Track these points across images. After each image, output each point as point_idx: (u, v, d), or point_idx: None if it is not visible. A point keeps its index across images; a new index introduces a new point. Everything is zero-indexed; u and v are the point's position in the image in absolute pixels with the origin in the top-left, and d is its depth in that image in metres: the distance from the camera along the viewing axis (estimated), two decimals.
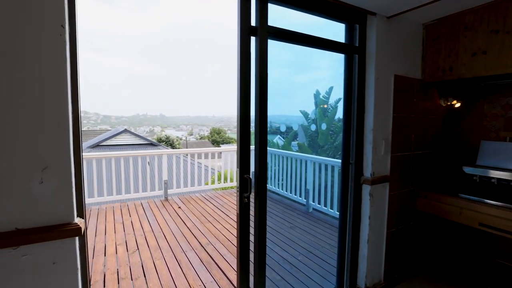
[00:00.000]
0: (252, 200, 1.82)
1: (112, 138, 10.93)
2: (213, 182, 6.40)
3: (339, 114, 8.42)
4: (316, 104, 9.14)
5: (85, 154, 4.84)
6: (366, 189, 2.35)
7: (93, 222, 4.21)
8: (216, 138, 45.85)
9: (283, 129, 10.56)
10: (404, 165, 2.53)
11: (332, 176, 4.70)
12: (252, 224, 1.85)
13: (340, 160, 2.46)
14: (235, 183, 6.19)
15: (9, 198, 1.09)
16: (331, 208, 4.64)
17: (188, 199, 5.43)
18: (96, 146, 10.54)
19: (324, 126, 8.01)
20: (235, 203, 5.20)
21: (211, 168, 7.49)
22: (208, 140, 43.52)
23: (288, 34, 1.89)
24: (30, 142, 1.11)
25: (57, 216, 1.18)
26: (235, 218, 4.47)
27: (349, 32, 2.30)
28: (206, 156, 6.15)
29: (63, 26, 1.13)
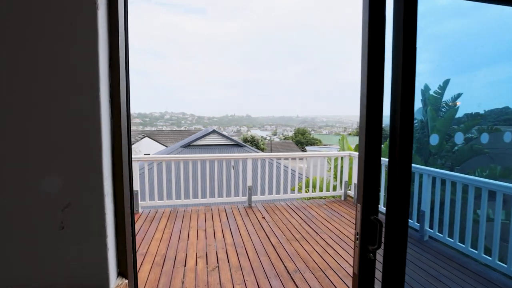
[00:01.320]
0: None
1: (202, 139, 11.53)
2: (300, 189, 5.80)
3: (461, 113, 6.70)
4: (425, 102, 7.53)
5: (173, 156, 4.89)
6: None
7: (178, 226, 4.14)
8: (300, 139, 45.16)
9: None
10: None
11: (453, 194, 3.50)
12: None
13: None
14: (324, 193, 5.44)
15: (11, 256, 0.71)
16: (462, 241, 3.43)
17: (273, 208, 4.96)
18: (188, 145, 11.27)
19: (437, 129, 6.45)
20: (325, 217, 4.47)
21: (299, 173, 6.96)
22: (292, 140, 43.19)
23: None
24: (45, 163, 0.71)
25: (85, 278, 0.76)
26: (326, 237, 3.76)
27: None
28: (293, 157, 5.61)
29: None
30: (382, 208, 4.15)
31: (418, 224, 3.98)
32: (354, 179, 5.20)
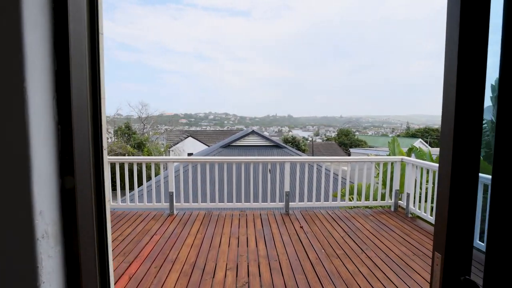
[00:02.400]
0: None
1: (241, 139, 11.43)
2: (343, 196, 5.29)
3: None
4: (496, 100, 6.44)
5: (208, 158, 4.74)
6: None
7: (211, 231, 3.96)
8: (344, 140, 43.26)
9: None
10: None
11: None
12: None
13: None
14: (370, 202, 4.87)
15: None
16: None
17: (312, 216, 4.55)
18: (227, 146, 11.25)
19: None
20: (372, 231, 3.94)
21: (342, 178, 6.32)
22: (335, 141, 41.56)
23: None
24: None
25: None
26: (373, 256, 3.27)
27: None
28: (335, 162, 5.13)
29: None
30: None
31: None
32: (407, 188, 4.57)
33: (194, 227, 4.11)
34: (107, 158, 0.68)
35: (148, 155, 25.01)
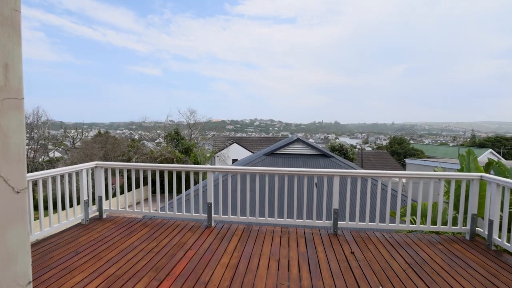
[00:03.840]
0: None
1: (285, 147, 10.97)
2: (402, 216, 4.54)
3: None
4: None
5: (248, 168, 4.40)
6: None
7: (249, 249, 3.59)
8: (397, 149, 40.06)
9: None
10: None
11: None
12: None
13: None
14: (437, 227, 4.06)
15: None
16: None
17: (365, 239, 3.93)
18: (271, 154, 10.87)
19: None
20: (443, 265, 3.21)
21: (402, 195, 5.32)
22: (387, 150, 38.67)
23: None
24: None
25: None
26: None
27: None
28: (392, 176, 4.42)
29: None
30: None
31: None
32: (490, 213, 3.70)
33: (232, 243, 3.79)
34: None
35: (195, 161, 25.86)
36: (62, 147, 33.73)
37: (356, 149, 43.22)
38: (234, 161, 28.90)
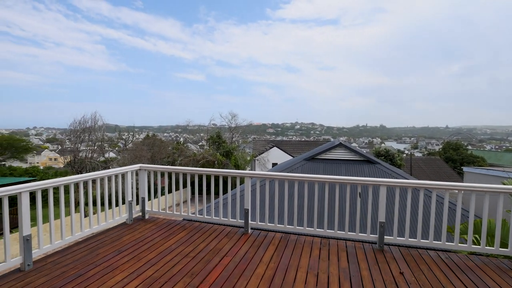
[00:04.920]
0: None
1: (327, 152, 10.52)
2: (463, 235, 3.99)
3: None
4: None
5: (287, 175, 4.23)
6: None
7: (285, 260, 3.42)
8: (452, 155, 36.47)
9: None
10: None
11: None
12: None
13: None
14: (509, 250, 3.48)
15: None
16: None
17: (417, 258, 3.51)
18: (311, 159, 10.50)
19: None
20: None
21: (462, 209, 4.51)
22: (440, 156, 35.42)
23: None
24: None
25: None
26: None
27: None
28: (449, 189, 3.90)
29: None
30: None
31: None
32: None
33: (268, 252, 3.66)
34: None
35: (235, 164, 26.25)
36: (116, 148, 36.70)
37: (404, 155, 40.27)
38: (273, 165, 28.77)
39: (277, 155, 30.01)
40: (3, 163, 29.18)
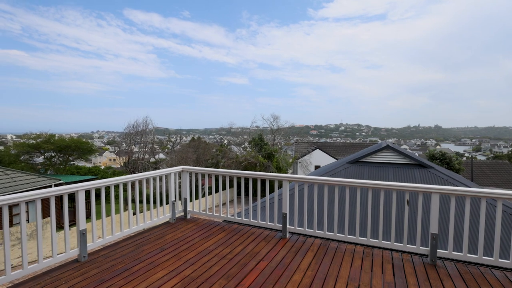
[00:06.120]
0: None
1: (372, 155, 9.90)
2: None
3: None
4: None
5: (325, 179, 4.06)
6: None
7: (324, 269, 3.26)
8: None
9: None
10: None
11: None
12: None
13: None
14: None
15: None
16: None
17: (477, 277, 3.10)
18: (355, 162, 9.97)
19: None
20: None
21: None
22: (509, 160, 31.27)
23: None
24: None
25: None
26: None
27: None
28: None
29: None
30: None
31: None
32: None
33: (306, 258, 3.53)
34: None
35: (277, 166, 26.18)
36: (166, 150, 39.12)
37: (464, 158, 36.36)
38: (316, 167, 28.08)
39: (320, 158, 29.25)
40: (72, 162, 32.94)
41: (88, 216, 7.18)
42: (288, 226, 4.25)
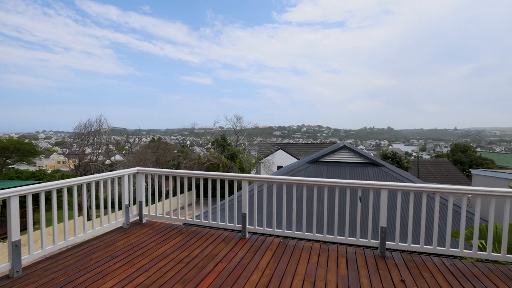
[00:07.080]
0: None
1: (331, 154, 10.35)
2: (468, 240, 3.82)
3: None
4: None
5: (284, 178, 4.12)
6: None
7: (282, 267, 3.29)
8: (461, 158, 35.78)
9: None
10: None
11: None
12: None
13: None
14: None
15: None
16: None
17: (419, 265, 3.36)
18: (315, 161, 10.34)
19: None
20: None
21: (468, 212, 4.37)
22: (448, 159, 34.79)
23: None
24: None
25: None
26: None
27: None
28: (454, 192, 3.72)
29: None
30: None
31: None
32: None
33: (265, 258, 3.54)
34: None
35: (240, 167, 26.15)
36: (123, 151, 36.98)
37: (412, 157, 39.67)
38: (279, 167, 28.59)
39: (282, 158, 29.84)
40: (11, 166, 29.59)
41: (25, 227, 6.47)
42: (248, 226, 4.24)
